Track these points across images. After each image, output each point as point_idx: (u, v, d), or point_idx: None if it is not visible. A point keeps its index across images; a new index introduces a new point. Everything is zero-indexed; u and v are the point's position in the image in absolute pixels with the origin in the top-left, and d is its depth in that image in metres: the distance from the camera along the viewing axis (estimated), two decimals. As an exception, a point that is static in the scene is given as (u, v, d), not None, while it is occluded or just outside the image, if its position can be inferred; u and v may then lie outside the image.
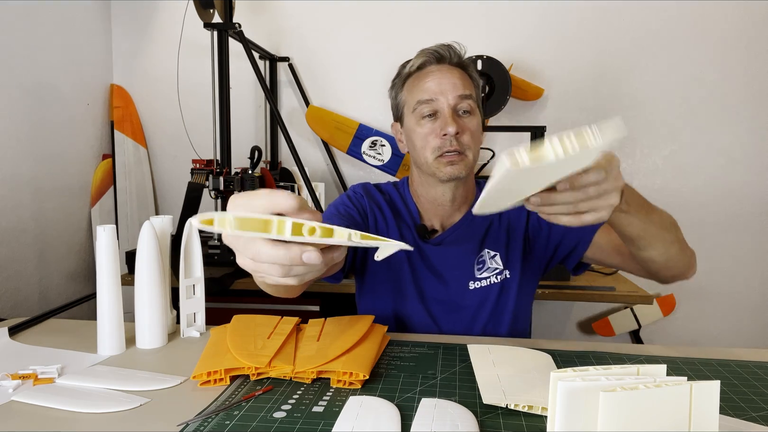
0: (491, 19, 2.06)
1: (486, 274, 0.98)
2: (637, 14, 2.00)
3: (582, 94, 2.05)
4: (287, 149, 1.88)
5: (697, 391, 0.35)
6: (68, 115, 2.00)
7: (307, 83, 2.17)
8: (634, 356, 0.77)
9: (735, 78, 1.98)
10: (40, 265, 1.88)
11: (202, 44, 1.99)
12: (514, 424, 0.56)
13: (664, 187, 2.05)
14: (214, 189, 1.72)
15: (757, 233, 2.02)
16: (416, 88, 0.95)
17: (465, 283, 0.98)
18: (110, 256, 0.76)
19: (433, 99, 0.93)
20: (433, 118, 0.94)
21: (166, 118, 2.21)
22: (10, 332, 0.84)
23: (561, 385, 0.35)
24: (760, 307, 2.05)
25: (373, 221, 1.02)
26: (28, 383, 0.66)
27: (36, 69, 1.85)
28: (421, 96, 0.94)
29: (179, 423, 0.56)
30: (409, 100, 0.97)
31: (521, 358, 0.74)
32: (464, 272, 0.98)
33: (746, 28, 1.95)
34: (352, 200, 1.03)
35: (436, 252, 0.99)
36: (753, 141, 1.99)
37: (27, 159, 1.81)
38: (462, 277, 0.98)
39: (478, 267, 0.99)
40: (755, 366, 0.73)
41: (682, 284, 2.04)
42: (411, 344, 0.81)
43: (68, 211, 2.02)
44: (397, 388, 0.65)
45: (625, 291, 1.63)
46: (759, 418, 0.58)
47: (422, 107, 0.94)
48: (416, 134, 0.95)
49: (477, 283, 0.98)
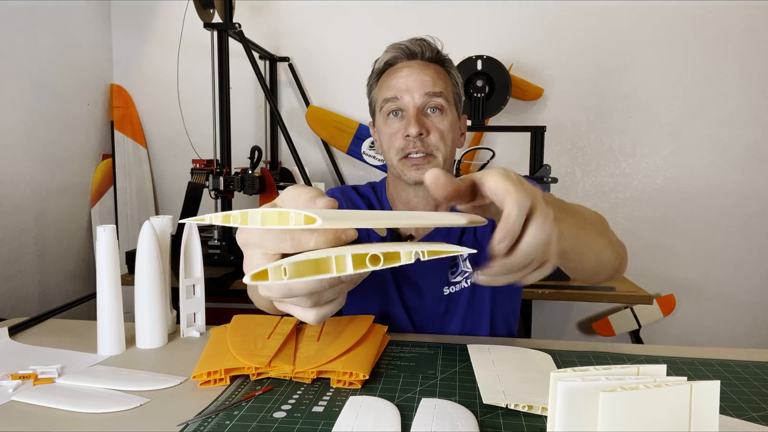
0: (491, 19, 2.06)
1: (459, 278, 0.95)
2: (637, 14, 2.00)
3: (582, 94, 2.05)
4: (287, 149, 1.88)
5: (697, 391, 0.35)
6: (68, 115, 2.00)
7: (307, 83, 2.17)
8: (634, 356, 0.77)
9: (735, 78, 1.98)
10: (40, 265, 1.88)
11: (202, 44, 2.00)
12: (514, 424, 0.56)
13: (664, 187, 2.05)
14: (214, 189, 1.72)
15: (757, 233, 2.02)
16: (384, 86, 0.91)
17: (440, 289, 0.95)
18: (110, 256, 0.76)
19: (398, 97, 0.88)
20: (400, 117, 0.89)
21: (166, 118, 2.21)
22: (10, 332, 0.84)
23: (561, 385, 0.35)
24: (760, 307, 2.05)
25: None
26: (28, 383, 0.66)
27: (36, 69, 1.85)
28: (387, 94, 0.89)
29: (179, 423, 0.56)
30: (378, 97, 0.93)
31: (521, 358, 0.74)
32: (439, 278, 0.95)
33: (746, 28, 1.95)
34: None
35: None
36: (753, 141, 1.99)
37: (27, 159, 1.81)
38: (436, 284, 0.95)
39: (452, 271, 0.95)
40: (755, 366, 0.73)
41: (682, 284, 2.06)
42: (411, 344, 0.81)
43: (68, 211, 2.02)
44: (397, 388, 0.65)
45: (625, 291, 1.63)
46: (759, 418, 0.58)
47: (388, 105, 0.89)
48: (383, 134, 0.92)
49: (451, 287, 0.95)
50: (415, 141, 0.87)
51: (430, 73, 0.89)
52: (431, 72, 0.89)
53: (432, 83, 0.88)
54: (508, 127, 1.93)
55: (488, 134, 2.09)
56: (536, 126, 1.76)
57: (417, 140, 0.87)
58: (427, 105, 0.88)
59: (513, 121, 2.04)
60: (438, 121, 0.89)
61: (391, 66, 0.92)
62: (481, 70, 1.78)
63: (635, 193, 2.07)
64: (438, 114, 0.89)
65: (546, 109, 2.07)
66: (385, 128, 0.91)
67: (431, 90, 0.87)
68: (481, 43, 2.03)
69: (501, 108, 1.82)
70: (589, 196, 2.08)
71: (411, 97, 0.87)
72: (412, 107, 0.87)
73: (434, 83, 0.88)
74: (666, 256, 2.07)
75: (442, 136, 0.88)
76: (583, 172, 2.09)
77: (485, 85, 1.79)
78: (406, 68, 0.89)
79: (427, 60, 0.90)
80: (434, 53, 0.91)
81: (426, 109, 0.88)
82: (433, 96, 0.87)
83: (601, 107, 2.05)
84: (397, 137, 0.89)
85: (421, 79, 0.87)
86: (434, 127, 0.88)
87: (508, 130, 1.95)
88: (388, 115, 0.90)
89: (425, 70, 0.89)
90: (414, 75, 0.88)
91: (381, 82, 0.93)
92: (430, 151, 0.88)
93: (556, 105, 2.07)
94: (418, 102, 0.87)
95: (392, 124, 0.90)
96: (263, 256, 0.41)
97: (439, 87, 0.88)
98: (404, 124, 0.88)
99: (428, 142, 0.88)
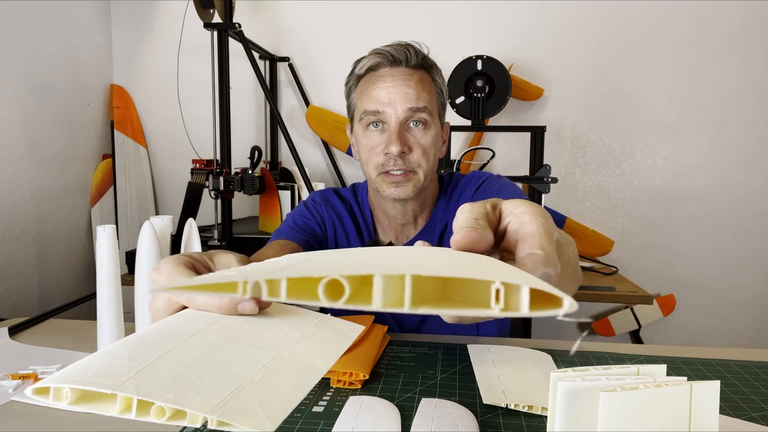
0: (491, 19, 2.06)
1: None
2: (637, 14, 2.00)
3: (582, 94, 2.05)
4: (287, 149, 1.88)
5: (697, 391, 0.35)
6: (68, 115, 2.00)
7: (307, 83, 2.17)
8: (634, 356, 0.77)
9: (735, 78, 1.98)
10: (40, 265, 1.88)
11: (202, 44, 2.00)
12: (514, 424, 0.56)
13: (664, 187, 2.05)
14: (214, 189, 1.72)
15: (757, 233, 2.02)
16: (365, 95, 0.86)
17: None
18: (110, 256, 0.76)
19: (380, 111, 0.83)
20: (380, 129, 0.84)
21: (166, 118, 2.21)
22: (10, 332, 0.84)
23: (561, 385, 0.35)
24: (760, 308, 2.05)
25: (332, 231, 0.95)
26: (28, 383, 0.66)
27: (36, 69, 1.85)
28: (368, 106, 0.84)
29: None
30: (358, 106, 0.88)
31: (521, 358, 0.74)
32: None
33: (746, 28, 1.95)
34: (310, 210, 0.95)
35: None
36: (753, 141, 1.99)
37: (27, 159, 1.81)
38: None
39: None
40: (755, 366, 0.73)
41: (682, 284, 2.06)
42: (411, 344, 0.81)
43: (68, 211, 2.02)
44: (397, 388, 0.65)
45: (625, 291, 1.63)
46: (759, 418, 0.58)
47: (368, 117, 0.85)
48: (362, 145, 0.87)
49: None
50: (396, 159, 0.83)
51: (414, 83, 0.84)
52: (415, 82, 0.84)
53: (416, 97, 0.83)
54: (508, 127, 1.93)
55: (488, 134, 2.09)
56: (536, 126, 1.76)
57: (398, 158, 0.83)
58: (410, 119, 0.84)
59: (513, 121, 2.04)
60: (420, 136, 0.84)
61: (372, 71, 0.87)
62: (481, 70, 1.78)
63: (635, 193, 2.07)
64: (421, 128, 0.85)
65: (546, 109, 2.07)
66: (364, 139, 0.87)
67: (415, 105, 0.83)
68: (481, 43, 2.03)
69: (501, 108, 1.82)
70: (589, 196, 2.08)
71: (393, 110, 0.83)
72: (395, 122, 0.83)
73: (418, 96, 0.83)
74: (666, 256, 2.07)
75: (425, 152, 0.85)
76: (583, 172, 2.09)
77: (485, 85, 1.79)
78: (389, 77, 0.84)
79: (412, 67, 0.85)
80: (419, 59, 0.86)
81: (408, 123, 0.84)
82: (416, 111, 0.83)
83: (601, 107, 2.05)
84: (376, 152, 0.85)
85: (404, 92, 0.83)
86: (416, 143, 0.84)
87: (508, 130, 1.95)
88: (368, 125, 0.86)
89: (409, 81, 0.84)
90: (397, 87, 0.83)
91: (362, 88, 0.88)
92: (412, 168, 0.84)
93: (556, 105, 2.07)
94: (400, 116, 0.83)
95: (372, 137, 0.85)
96: (166, 302, 0.43)
97: (423, 100, 0.84)
98: (385, 139, 0.84)
99: (410, 160, 0.84)
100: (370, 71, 0.87)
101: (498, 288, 0.26)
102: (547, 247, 0.35)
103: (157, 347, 0.33)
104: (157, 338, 0.35)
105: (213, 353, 0.33)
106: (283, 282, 0.27)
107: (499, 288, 0.26)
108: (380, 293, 0.27)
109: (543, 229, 0.36)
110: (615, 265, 1.98)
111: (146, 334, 0.36)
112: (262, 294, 0.28)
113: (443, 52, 1.13)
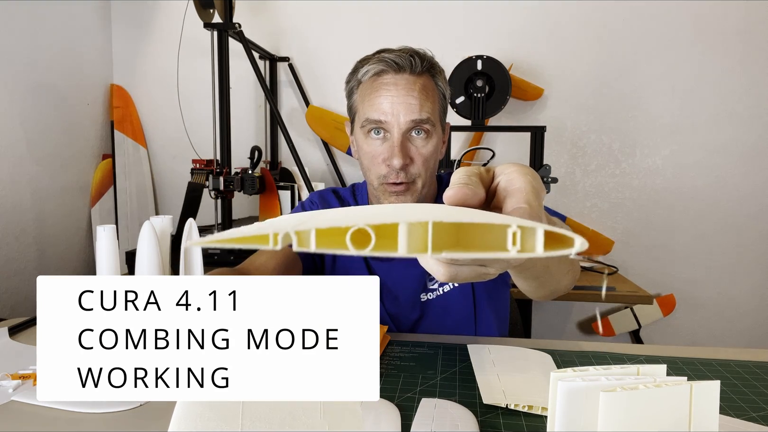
0: (491, 19, 2.06)
1: (436, 285, 0.94)
2: (637, 14, 2.00)
3: (582, 94, 2.05)
4: (287, 149, 1.88)
5: (697, 391, 0.35)
6: (68, 115, 2.00)
7: (307, 83, 2.17)
8: (634, 356, 0.77)
9: (735, 78, 1.98)
10: (40, 265, 1.88)
11: (202, 44, 2.00)
12: (514, 424, 0.56)
13: (664, 187, 2.05)
14: (214, 189, 1.72)
15: (756, 233, 2.02)
16: (368, 101, 0.86)
17: (416, 297, 0.94)
18: (110, 256, 0.76)
19: (383, 121, 0.84)
20: (382, 136, 0.85)
21: (166, 118, 2.21)
22: (10, 332, 0.84)
23: (561, 385, 0.35)
24: (760, 307, 2.05)
25: None
26: (28, 383, 0.66)
27: (36, 69, 1.85)
28: (371, 114, 0.84)
29: (179, 423, 0.56)
30: (360, 111, 0.88)
31: (521, 358, 0.74)
32: (415, 286, 0.94)
33: (746, 28, 1.95)
34: (307, 211, 0.97)
35: (386, 269, 0.94)
36: (753, 140, 1.99)
37: (27, 159, 1.81)
38: (413, 293, 0.94)
39: (429, 277, 0.94)
40: (755, 366, 0.73)
41: (682, 284, 2.06)
42: (411, 344, 0.81)
43: (68, 211, 2.02)
44: (397, 388, 0.65)
45: (625, 291, 1.63)
46: (759, 418, 0.58)
47: (370, 125, 0.85)
48: (363, 151, 0.88)
49: (429, 294, 0.94)
50: (398, 172, 0.84)
51: (417, 92, 0.84)
52: (418, 91, 0.84)
53: (419, 107, 0.83)
54: (508, 127, 1.93)
55: (488, 134, 2.09)
56: (536, 126, 1.76)
57: (400, 171, 0.84)
58: (413, 129, 0.85)
59: (513, 121, 2.04)
60: (422, 146, 0.85)
61: (376, 76, 0.87)
62: (481, 70, 1.78)
63: (635, 193, 2.07)
64: (423, 137, 0.85)
65: (546, 109, 2.07)
66: (365, 146, 0.87)
67: (417, 117, 0.83)
68: (481, 43, 2.03)
69: (501, 108, 1.82)
70: (589, 196, 2.08)
71: (396, 121, 0.83)
72: (397, 132, 0.84)
73: (421, 107, 0.83)
74: (666, 256, 2.07)
75: (425, 161, 0.86)
76: (583, 172, 2.09)
77: (485, 85, 1.79)
78: (392, 86, 0.84)
79: (416, 74, 0.85)
80: (424, 66, 0.85)
81: (410, 133, 0.85)
82: (419, 123, 0.84)
83: (601, 107, 2.05)
84: (378, 161, 0.86)
85: (407, 103, 0.83)
86: (418, 153, 0.85)
87: (508, 130, 1.95)
88: (370, 132, 0.86)
89: (412, 90, 0.84)
90: (401, 97, 0.83)
91: (364, 92, 0.88)
92: (412, 179, 0.86)
93: (556, 105, 2.06)
94: (403, 128, 0.84)
95: (373, 144, 0.86)
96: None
97: (426, 111, 0.84)
98: (387, 149, 0.85)
99: (411, 172, 0.85)
100: (374, 76, 0.87)
101: (515, 231, 0.28)
102: (533, 202, 0.37)
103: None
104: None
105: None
106: (312, 233, 0.28)
107: (516, 231, 0.28)
108: (405, 239, 0.28)
109: (530, 186, 0.38)
110: (615, 265, 1.98)
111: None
112: (293, 244, 0.29)
113: (443, 52, 1.13)
